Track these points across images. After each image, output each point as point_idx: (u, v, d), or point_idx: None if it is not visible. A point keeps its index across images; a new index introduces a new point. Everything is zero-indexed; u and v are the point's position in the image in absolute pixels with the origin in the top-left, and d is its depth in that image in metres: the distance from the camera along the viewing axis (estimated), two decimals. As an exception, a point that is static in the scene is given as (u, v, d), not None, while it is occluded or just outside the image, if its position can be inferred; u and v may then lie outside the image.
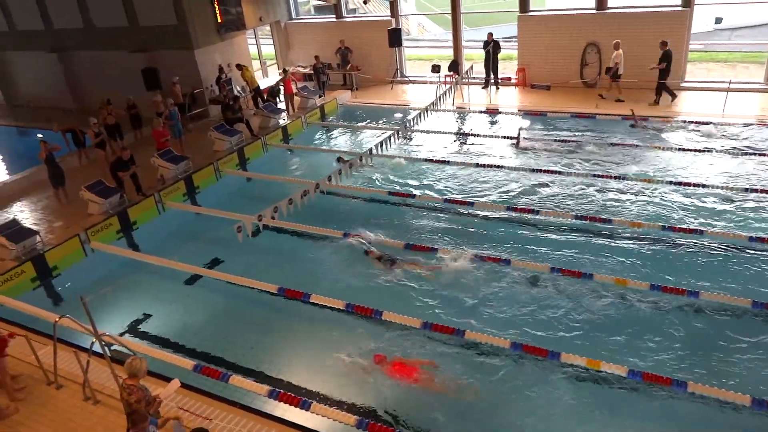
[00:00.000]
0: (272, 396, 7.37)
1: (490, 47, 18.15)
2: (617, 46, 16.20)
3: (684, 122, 14.96)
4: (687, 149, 13.66)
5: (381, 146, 13.44)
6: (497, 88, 19.13)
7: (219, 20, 19.02)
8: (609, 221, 10.91)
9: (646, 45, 16.02)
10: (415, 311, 9.00)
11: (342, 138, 17.66)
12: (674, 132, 14.71)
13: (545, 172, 13.16)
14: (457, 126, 17.49)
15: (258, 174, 15.25)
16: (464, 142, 15.93)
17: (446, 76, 19.52)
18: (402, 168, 14.45)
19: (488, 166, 13.79)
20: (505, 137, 15.45)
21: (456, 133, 16.67)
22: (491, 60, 18.47)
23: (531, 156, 14.29)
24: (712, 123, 14.60)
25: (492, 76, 18.89)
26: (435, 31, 31.43)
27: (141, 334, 9.44)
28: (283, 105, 18.74)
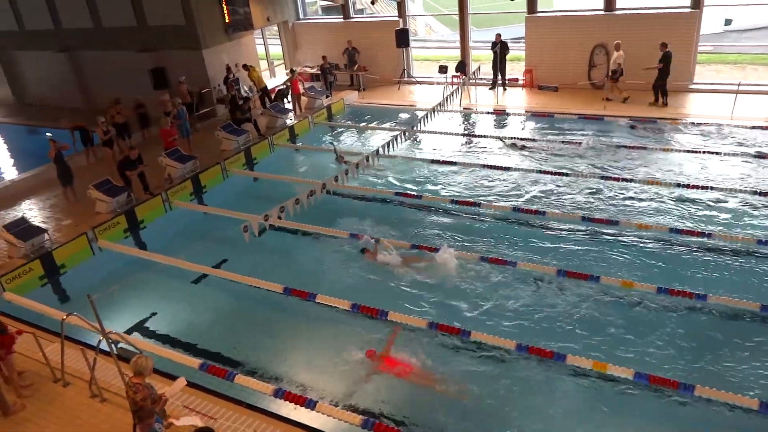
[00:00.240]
0: (278, 395, 7.37)
1: (498, 48, 18.11)
2: (618, 47, 16.12)
3: (693, 124, 14.86)
4: (694, 151, 13.54)
5: (388, 146, 13.44)
6: (504, 89, 19.10)
7: (227, 20, 19.06)
8: (616, 223, 10.85)
9: (655, 47, 15.86)
10: (421, 312, 9.00)
11: (349, 138, 17.66)
12: (683, 134, 14.60)
13: (551, 174, 13.11)
14: (464, 127, 17.44)
15: (265, 174, 15.27)
16: (471, 143, 15.90)
17: (453, 77, 19.49)
18: (409, 168, 14.43)
19: (494, 167, 13.74)
20: (510, 138, 15.47)
21: (462, 134, 16.63)
22: (499, 61, 18.42)
23: (535, 158, 14.23)
24: (721, 125, 14.50)
25: (500, 77, 18.86)
26: (442, 32, 31.40)
27: (148, 333, 9.49)
28: (291, 105, 18.77)
